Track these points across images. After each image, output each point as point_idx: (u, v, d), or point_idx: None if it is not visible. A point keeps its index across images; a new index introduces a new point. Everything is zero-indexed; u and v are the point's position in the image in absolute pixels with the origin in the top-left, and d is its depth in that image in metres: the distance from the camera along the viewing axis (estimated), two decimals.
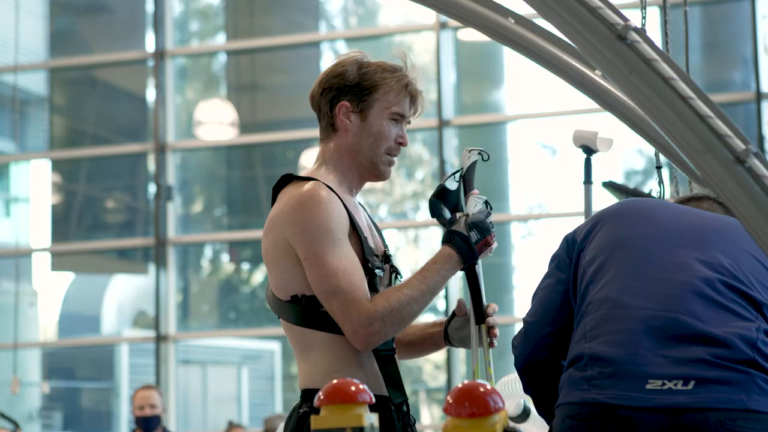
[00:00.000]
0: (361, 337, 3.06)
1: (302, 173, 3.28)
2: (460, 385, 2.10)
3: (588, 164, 3.35)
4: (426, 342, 3.41)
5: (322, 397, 2.21)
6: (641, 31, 1.95)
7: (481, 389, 2.08)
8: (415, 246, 12.36)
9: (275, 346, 13.34)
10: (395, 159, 3.31)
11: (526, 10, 2.86)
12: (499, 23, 2.95)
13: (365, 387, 2.22)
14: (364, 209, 3.38)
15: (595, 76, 2.87)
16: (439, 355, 10.92)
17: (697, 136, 1.93)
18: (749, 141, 1.91)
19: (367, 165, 3.27)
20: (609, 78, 2.08)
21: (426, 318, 3.54)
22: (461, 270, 3.21)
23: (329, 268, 3.06)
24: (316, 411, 3.02)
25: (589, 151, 3.31)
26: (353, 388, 2.21)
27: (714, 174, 1.93)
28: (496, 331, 3.28)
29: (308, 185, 3.15)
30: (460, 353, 10.36)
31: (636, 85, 1.97)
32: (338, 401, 2.20)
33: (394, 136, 3.28)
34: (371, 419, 2.19)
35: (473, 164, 3.30)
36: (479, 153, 3.29)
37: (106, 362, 13.03)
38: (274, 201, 3.25)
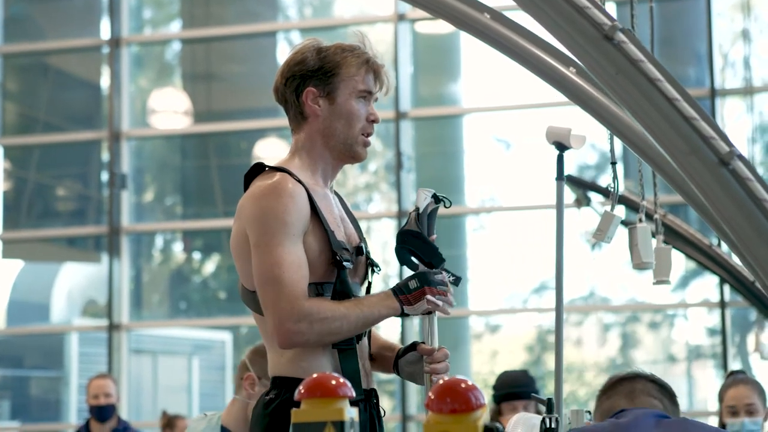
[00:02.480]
0: (284, 331, 3.05)
1: (275, 163, 3.27)
2: (441, 381, 2.11)
3: (560, 161, 3.34)
4: (377, 360, 3.39)
5: (302, 391, 2.21)
6: (628, 32, 1.96)
7: (463, 385, 2.08)
8: (367, 237, 12.37)
9: (226, 337, 13.28)
10: (370, 139, 3.31)
11: (501, 3, 2.87)
12: (474, 18, 2.95)
13: (346, 381, 2.22)
14: (341, 198, 3.38)
15: (569, 73, 2.88)
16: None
17: (681, 137, 1.95)
18: (733, 143, 1.92)
19: (342, 147, 3.27)
20: (595, 78, 2.09)
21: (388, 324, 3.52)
22: (400, 316, 3.19)
23: (275, 257, 3.05)
24: (285, 399, 3.06)
25: (562, 147, 3.32)
26: (334, 382, 2.21)
27: (698, 176, 1.94)
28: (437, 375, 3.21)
29: (276, 177, 3.14)
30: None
31: (622, 85, 1.98)
32: (319, 395, 2.19)
33: (365, 115, 3.28)
34: (351, 414, 2.20)
35: (435, 210, 3.28)
36: (433, 196, 3.26)
37: (55, 351, 12.92)
38: (246, 188, 3.24)
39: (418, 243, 3.22)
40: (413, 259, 3.24)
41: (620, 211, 7.90)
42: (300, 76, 3.26)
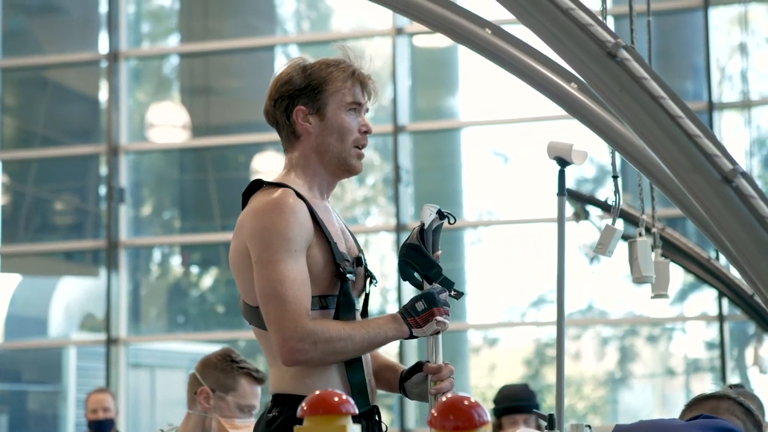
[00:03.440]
0: (288, 350, 3.04)
1: (271, 179, 3.27)
2: (444, 399, 2.10)
3: (561, 176, 3.35)
4: (381, 381, 3.38)
5: (305, 408, 2.20)
6: (631, 49, 1.97)
7: (466, 402, 2.08)
8: (365, 251, 12.36)
9: None
10: (363, 152, 3.32)
11: (502, 17, 2.86)
12: (475, 33, 2.95)
13: (348, 398, 2.21)
14: (336, 213, 3.38)
15: (571, 88, 2.88)
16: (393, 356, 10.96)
17: (684, 155, 1.95)
18: (736, 161, 1.92)
19: (336, 162, 3.27)
20: (598, 95, 2.10)
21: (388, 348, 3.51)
22: (408, 338, 3.20)
23: (278, 274, 3.04)
24: (288, 417, 3.06)
25: (563, 163, 3.32)
26: (337, 399, 2.20)
27: (701, 193, 1.94)
28: (443, 392, 3.19)
29: (278, 192, 3.14)
30: (412, 357, 10.38)
31: (625, 102, 1.98)
32: (321, 412, 2.19)
33: (357, 127, 3.28)
34: (355, 431, 2.19)
35: (439, 226, 3.28)
36: (438, 212, 3.26)
37: (53, 365, 12.90)
38: (244, 206, 3.23)
39: (416, 255, 3.22)
40: (415, 274, 3.24)
41: (618, 224, 7.91)
42: (288, 96, 3.27)
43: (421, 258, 3.22)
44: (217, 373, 4.15)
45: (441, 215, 3.27)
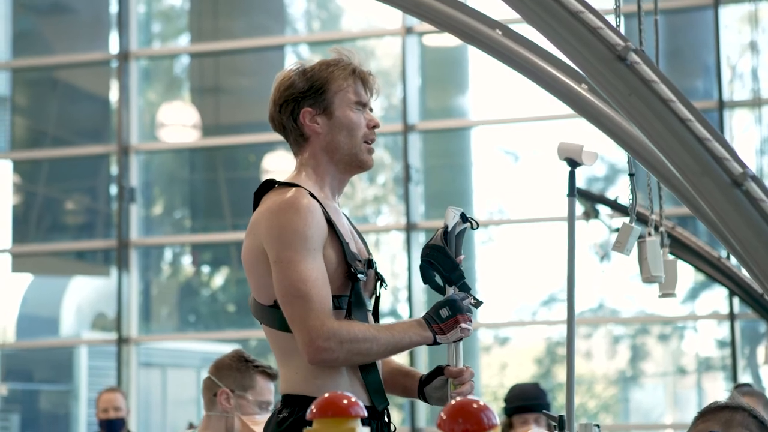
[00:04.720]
0: (314, 349, 3.03)
1: (282, 179, 3.27)
2: (453, 402, 2.11)
3: (572, 177, 3.34)
4: (396, 387, 3.37)
5: (314, 410, 2.20)
6: (641, 52, 1.96)
7: (475, 405, 2.08)
8: (376, 250, 12.37)
9: None
10: (373, 146, 3.32)
11: (512, 17, 2.86)
12: (486, 34, 2.95)
13: (358, 400, 2.22)
14: (346, 216, 3.38)
15: (581, 89, 2.87)
16: (401, 360, 10.96)
17: (694, 158, 1.94)
18: (746, 164, 1.92)
19: (347, 159, 3.28)
20: (608, 98, 2.09)
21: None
22: (432, 344, 3.18)
23: (300, 273, 3.04)
24: (299, 417, 3.06)
25: (574, 164, 3.31)
26: (346, 402, 2.20)
27: (711, 197, 1.94)
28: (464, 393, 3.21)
29: (291, 192, 3.15)
30: (423, 358, 10.38)
31: (635, 105, 1.98)
32: (331, 414, 2.19)
33: (364, 122, 3.29)
34: None
35: (462, 230, 3.28)
36: (461, 216, 3.27)
37: (64, 364, 12.92)
38: (256, 206, 3.24)
39: (440, 257, 3.22)
40: (437, 279, 3.24)
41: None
42: (293, 99, 3.28)
43: (445, 259, 3.22)
44: (233, 373, 4.20)
45: (464, 218, 3.27)
